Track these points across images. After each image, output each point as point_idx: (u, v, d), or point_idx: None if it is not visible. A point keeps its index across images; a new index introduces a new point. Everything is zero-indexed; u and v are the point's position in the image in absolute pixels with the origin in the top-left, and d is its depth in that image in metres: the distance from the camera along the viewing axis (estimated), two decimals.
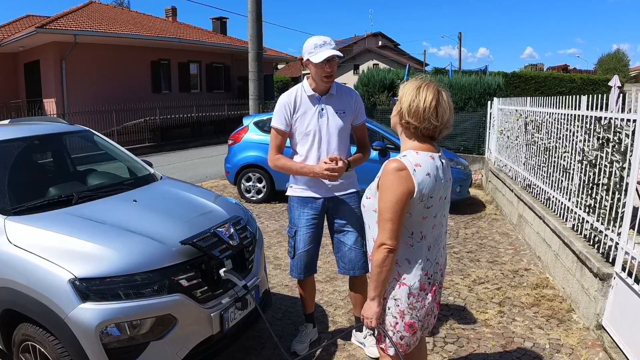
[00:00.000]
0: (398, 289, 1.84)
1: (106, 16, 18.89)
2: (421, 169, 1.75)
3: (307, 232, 2.84)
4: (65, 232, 2.34)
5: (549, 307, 3.68)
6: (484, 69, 15.22)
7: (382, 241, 1.75)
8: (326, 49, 2.63)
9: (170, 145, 15.91)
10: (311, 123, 2.77)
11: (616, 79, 9.65)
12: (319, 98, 2.78)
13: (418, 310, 1.86)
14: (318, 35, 2.69)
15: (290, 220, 2.93)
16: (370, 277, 1.83)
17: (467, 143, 10.85)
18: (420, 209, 1.79)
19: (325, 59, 2.61)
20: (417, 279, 1.84)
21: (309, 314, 3.14)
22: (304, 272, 2.91)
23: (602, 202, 3.37)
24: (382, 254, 1.76)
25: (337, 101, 2.81)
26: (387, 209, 1.74)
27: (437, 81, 1.87)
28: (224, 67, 21.98)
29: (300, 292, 3.11)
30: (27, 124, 3.63)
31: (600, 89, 16.72)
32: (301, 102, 2.79)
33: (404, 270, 1.84)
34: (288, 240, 2.96)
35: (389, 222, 1.74)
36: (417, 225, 1.82)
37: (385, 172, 1.77)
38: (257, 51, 9.50)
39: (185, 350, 2.29)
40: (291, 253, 2.92)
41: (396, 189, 1.72)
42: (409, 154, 1.80)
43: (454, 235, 5.69)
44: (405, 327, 1.86)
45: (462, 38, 35.73)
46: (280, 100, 2.82)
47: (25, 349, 2.32)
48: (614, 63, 32.73)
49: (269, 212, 6.73)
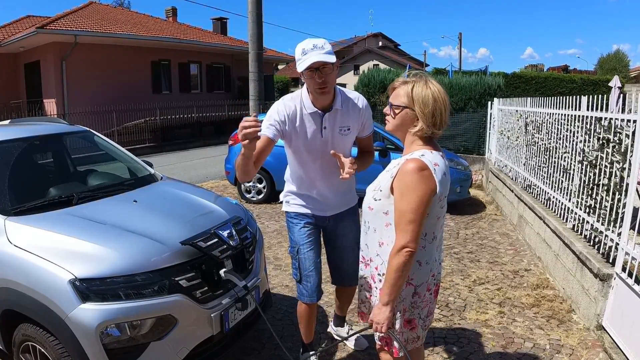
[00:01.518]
0: (405, 288, 1.82)
1: (106, 16, 18.89)
2: (439, 168, 1.74)
3: (310, 247, 2.59)
4: (66, 232, 2.34)
5: (549, 308, 3.68)
6: (484, 70, 15.21)
7: (404, 244, 1.69)
8: (313, 54, 2.15)
9: (170, 146, 15.91)
10: (310, 143, 2.41)
11: (616, 80, 9.66)
12: (321, 115, 2.37)
13: (421, 309, 1.86)
14: (310, 39, 2.23)
15: (290, 239, 2.66)
16: (386, 280, 1.76)
17: (467, 143, 10.85)
18: (437, 209, 1.79)
19: (307, 67, 2.16)
20: (425, 280, 1.84)
21: (310, 343, 2.80)
22: (316, 294, 2.59)
23: (602, 202, 3.37)
24: (403, 258, 1.69)
25: (342, 117, 2.41)
26: (411, 210, 1.68)
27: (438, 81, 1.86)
28: (224, 68, 21.98)
29: (303, 318, 2.70)
30: (28, 125, 3.64)
31: (600, 89, 16.71)
32: (301, 119, 2.38)
33: (414, 271, 1.82)
34: (292, 262, 2.67)
35: (412, 223, 1.68)
36: (432, 226, 1.81)
37: (405, 172, 1.71)
38: (257, 51, 9.50)
39: (186, 350, 2.29)
40: (297, 275, 2.60)
41: (420, 189, 1.68)
42: (426, 153, 1.76)
43: (454, 236, 5.68)
44: (404, 322, 1.86)
45: (462, 38, 35.78)
46: (275, 109, 2.38)
47: (26, 349, 2.32)
48: (614, 63, 32.71)
49: (269, 213, 6.73)
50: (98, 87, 16.30)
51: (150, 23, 20.60)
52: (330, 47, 2.24)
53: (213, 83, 21.57)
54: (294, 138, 2.41)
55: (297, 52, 2.23)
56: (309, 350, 2.81)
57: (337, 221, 2.66)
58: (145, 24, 20.05)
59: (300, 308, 2.69)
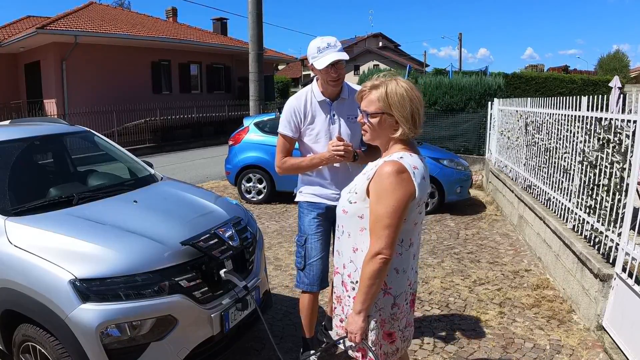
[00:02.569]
0: (382, 297, 1.73)
1: (107, 17, 18.90)
2: (418, 172, 1.67)
3: (319, 238, 2.67)
4: (66, 232, 2.34)
5: (549, 308, 3.68)
6: (485, 70, 15.21)
7: (378, 250, 1.60)
8: (330, 52, 2.45)
9: (170, 146, 15.92)
10: (322, 131, 2.62)
11: (617, 80, 9.66)
12: (329, 104, 2.62)
13: (400, 320, 1.78)
14: (322, 37, 2.50)
15: (300, 227, 2.76)
16: (359, 289, 1.67)
17: (467, 144, 10.85)
18: (415, 215, 1.71)
19: (329, 65, 2.45)
20: (402, 290, 1.76)
21: (310, 337, 2.84)
22: (317, 283, 2.67)
23: (602, 203, 3.37)
24: (376, 265, 1.60)
25: (348, 106, 2.64)
26: (388, 215, 1.60)
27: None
28: (224, 68, 21.99)
29: (304, 310, 2.76)
30: (28, 125, 3.64)
31: (600, 89, 16.68)
32: (311, 108, 2.63)
33: (391, 279, 1.72)
34: (296, 250, 2.75)
35: (388, 228, 1.60)
36: (409, 232, 1.72)
37: (383, 175, 1.63)
38: (257, 52, 9.50)
39: (186, 351, 2.29)
40: (300, 264, 2.69)
41: (398, 192, 1.60)
42: (404, 156, 1.69)
43: (454, 236, 5.68)
44: (384, 335, 1.77)
45: (462, 39, 35.74)
46: (289, 106, 2.65)
47: (26, 350, 2.32)
48: (614, 64, 32.66)
49: (269, 213, 6.73)
50: (98, 87, 16.31)
51: (150, 23, 20.62)
52: (340, 44, 2.52)
53: (213, 83, 21.58)
54: (307, 127, 2.63)
55: (311, 49, 2.49)
56: (310, 347, 2.83)
57: None
58: (145, 24, 20.07)
59: (302, 299, 2.76)
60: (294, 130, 2.63)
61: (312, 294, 2.72)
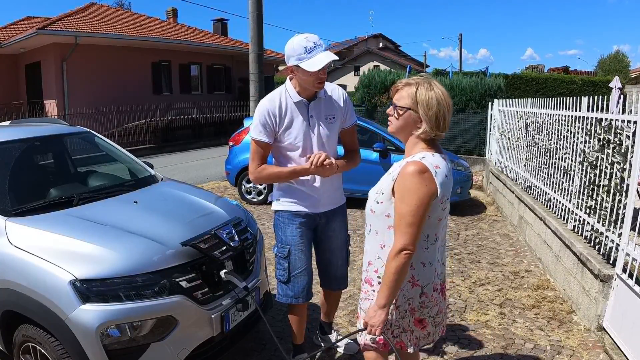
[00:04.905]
0: (411, 289, 1.84)
1: (107, 17, 18.91)
2: (440, 171, 1.75)
3: (302, 249, 2.57)
4: (66, 233, 2.34)
5: (549, 309, 3.67)
6: (485, 70, 15.23)
7: (404, 246, 1.70)
8: (318, 52, 2.27)
9: (171, 147, 15.91)
10: (299, 134, 2.45)
11: (617, 81, 9.65)
12: (306, 104, 2.45)
13: (430, 308, 1.87)
14: (304, 35, 2.30)
15: (279, 239, 2.60)
16: (383, 283, 1.76)
17: (467, 144, 10.85)
18: (438, 212, 1.80)
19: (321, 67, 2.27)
20: (430, 281, 1.85)
21: (300, 344, 2.81)
22: (303, 295, 2.60)
23: (602, 203, 3.37)
24: (402, 260, 1.70)
25: (325, 105, 2.50)
26: (411, 213, 1.69)
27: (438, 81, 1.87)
28: (224, 69, 21.99)
29: (293, 320, 2.74)
30: (28, 126, 3.64)
31: (600, 90, 16.69)
32: (287, 110, 2.44)
33: (418, 272, 1.83)
34: (277, 262, 2.61)
35: (411, 226, 1.69)
36: (434, 228, 1.82)
37: (406, 175, 1.72)
38: (257, 52, 9.50)
39: (186, 351, 2.29)
40: (284, 276, 2.57)
41: (420, 191, 1.69)
42: (427, 155, 1.77)
43: (455, 237, 5.68)
44: (415, 322, 1.87)
45: (462, 39, 35.72)
46: (263, 108, 2.43)
47: (26, 350, 2.32)
48: (615, 64, 32.69)
49: (269, 214, 6.73)
50: (98, 88, 16.31)
51: (150, 24, 20.62)
52: (323, 42, 2.36)
53: (213, 84, 21.58)
54: (284, 131, 2.46)
55: (296, 49, 2.29)
56: (302, 350, 2.82)
57: (329, 219, 2.65)
58: (145, 25, 20.07)
59: (291, 312, 2.74)
60: (269, 134, 2.44)
61: (300, 306, 2.66)
